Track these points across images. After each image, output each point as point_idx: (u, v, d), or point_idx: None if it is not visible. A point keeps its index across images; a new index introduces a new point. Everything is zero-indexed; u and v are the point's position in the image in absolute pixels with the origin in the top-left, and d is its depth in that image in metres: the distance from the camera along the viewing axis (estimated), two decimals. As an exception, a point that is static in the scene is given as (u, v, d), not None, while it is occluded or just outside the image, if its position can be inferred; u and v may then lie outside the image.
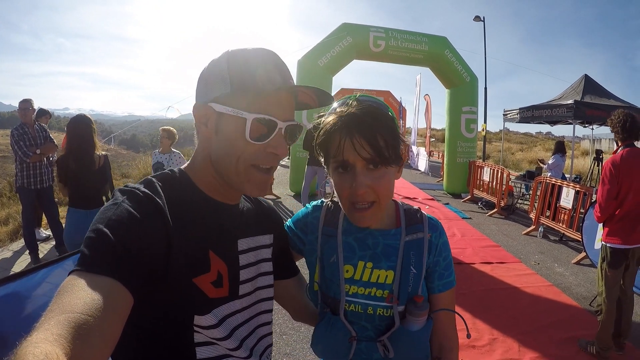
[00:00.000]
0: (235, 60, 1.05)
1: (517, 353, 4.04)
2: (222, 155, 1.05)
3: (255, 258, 1.20)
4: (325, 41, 12.16)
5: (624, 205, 3.85)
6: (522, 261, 6.94)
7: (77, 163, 4.33)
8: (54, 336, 0.62)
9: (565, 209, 8.20)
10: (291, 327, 4.30)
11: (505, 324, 4.61)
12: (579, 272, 6.56)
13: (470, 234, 8.62)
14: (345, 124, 1.14)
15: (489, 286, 5.78)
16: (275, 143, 1.04)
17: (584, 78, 12.41)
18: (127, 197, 0.95)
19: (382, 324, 1.25)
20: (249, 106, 1.01)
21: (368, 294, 1.25)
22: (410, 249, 1.27)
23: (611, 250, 3.89)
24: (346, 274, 1.26)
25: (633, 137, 3.97)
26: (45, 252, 6.61)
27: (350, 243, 1.30)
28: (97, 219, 0.89)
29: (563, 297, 5.49)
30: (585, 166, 17.99)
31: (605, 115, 11.00)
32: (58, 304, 0.71)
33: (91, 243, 0.84)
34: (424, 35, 13.23)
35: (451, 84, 13.88)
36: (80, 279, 0.77)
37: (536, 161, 13.66)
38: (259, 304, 1.21)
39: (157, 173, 1.09)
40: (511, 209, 11.10)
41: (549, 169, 10.22)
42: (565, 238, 8.41)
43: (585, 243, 6.89)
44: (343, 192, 1.19)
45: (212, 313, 1.01)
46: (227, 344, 1.06)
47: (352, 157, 1.13)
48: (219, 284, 1.05)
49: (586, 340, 4.15)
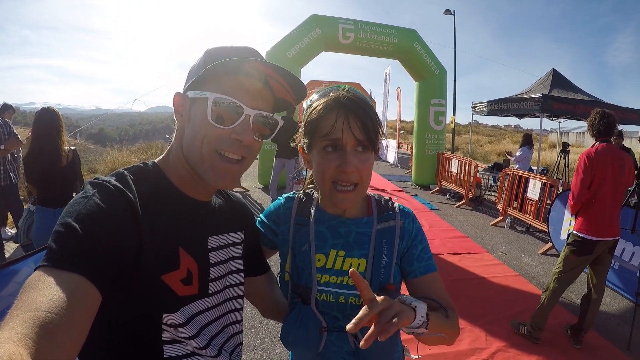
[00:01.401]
0: (215, 51, 1.06)
1: (485, 342, 4.03)
2: (190, 141, 1.04)
3: (225, 256, 1.18)
4: (294, 33, 12.00)
5: (597, 197, 3.92)
6: (489, 252, 6.98)
7: (44, 160, 4.04)
8: (19, 336, 0.61)
9: (532, 201, 8.30)
10: (259, 320, 4.21)
11: (473, 314, 4.61)
12: (546, 262, 6.64)
13: (439, 225, 8.65)
14: (342, 104, 1.16)
15: (456, 276, 5.78)
16: (240, 129, 1.02)
17: (552, 72, 12.56)
18: (98, 191, 0.91)
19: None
20: (215, 88, 1.00)
21: (340, 283, 1.25)
22: (382, 237, 1.27)
23: (580, 239, 3.96)
24: (318, 262, 1.26)
25: (607, 135, 4.06)
26: (12, 251, 6.25)
27: (322, 231, 1.30)
28: (66, 212, 0.86)
29: (530, 286, 5.54)
30: (552, 158, 18.35)
31: (572, 109, 11.17)
32: (23, 301, 0.69)
33: (59, 238, 0.80)
34: (394, 27, 13.22)
35: (420, 76, 13.92)
36: (47, 276, 0.74)
37: (504, 153, 13.82)
38: (229, 302, 1.19)
39: (130, 166, 1.06)
40: (479, 200, 11.22)
41: (516, 161, 10.32)
42: (532, 229, 8.53)
43: (552, 234, 6.99)
44: (326, 172, 1.17)
45: (180, 311, 1.00)
46: (195, 343, 1.04)
47: (345, 136, 1.14)
48: (188, 282, 1.03)
49: (519, 322, 4.28)
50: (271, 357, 3.65)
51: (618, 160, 3.93)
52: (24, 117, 59.04)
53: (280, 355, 3.65)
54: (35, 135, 4.10)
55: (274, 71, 1.04)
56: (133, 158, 15.76)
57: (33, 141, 4.13)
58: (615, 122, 4.08)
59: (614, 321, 4.71)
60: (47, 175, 4.07)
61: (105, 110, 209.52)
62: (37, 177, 4.10)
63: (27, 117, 57.41)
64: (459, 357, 3.78)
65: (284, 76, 1.06)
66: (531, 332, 4.06)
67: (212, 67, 0.97)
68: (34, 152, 4.05)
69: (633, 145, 14.21)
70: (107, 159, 15.09)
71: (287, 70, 1.05)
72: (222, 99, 0.99)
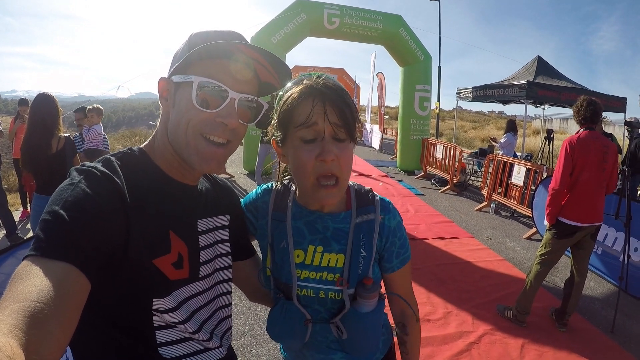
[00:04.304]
0: (199, 35, 1.05)
1: (471, 326, 4.06)
2: (175, 125, 1.02)
3: (213, 239, 1.18)
4: (279, 18, 11.90)
5: (578, 183, 3.95)
6: (474, 236, 7.03)
7: (33, 146, 4.00)
8: (8, 327, 0.61)
9: (516, 186, 8.36)
10: (248, 306, 4.18)
11: (459, 298, 4.65)
12: (530, 246, 6.71)
13: (424, 210, 8.68)
14: (318, 91, 1.12)
15: (442, 261, 5.82)
16: (225, 113, 1.01)
17: (537, 59, 12.64)
18: (84, 177, 0.90)
19: (334, 307, 1.26)
20: (200, 72, 0.99)
21: (319, 279, 1.24)
22: (361, 232, 1.26)
23: (563, 225, 4.00)
24: (297, 258, 1.26)
25: (592, 122, 4.07)
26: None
27: (300, 227, 1.28)
28: (53, 199, 0.85)
29: (515, 271, 5.59)
30: (537, 145, 18.52)
31: (556, 96, 11.26)
32: (12, 292, 0.69)
33: (46, 226, 0.80)
34: (379, 13, 13.23)
35: (405, 62, 13.90)
36: (35, 265, 0.74)
37: (488, 139, 13.90)
38: (219, 286, 1.20)
39: (116, 152, 1.06)
40: (464, 185, 11.28)
41: (501, 147, 10.36)
42: (516, 214, 8.61)
43: (536, 219, 7.05)
44: (307, 165, 1.12)
45: (171, 295, 0.99)
46: (186, 327, 1.04)
47: (321, 123, 1.10)
48: (179, 265, 1.03)
49: (504, 306, 4.34)
50: (260, 343, 3.62)
51: (601, 147, 3.95)
52: (5, 105, 58.03)
53: (270, 341, 3.61)
54: (29, 122, 4.09)
55: (258, 54, 1.03)
56: (117, 145, 15.53)
57: (27, 127, 4.11)
58: (601, 110, 4.10)
59: (598, 305, 4.78)
60: (35, 161, 4.04)
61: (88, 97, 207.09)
62: (29, 163, 4.04)
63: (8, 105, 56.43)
64: (446, 340, 3.79)
65: (268, 59, 1.05)
66: (517, 316, 4.11)
67: (197, 51, 0.97)
68: (25, 139, 4.02)
69: (616, 132, 14.40)
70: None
71: (272, 53, 1.04)
72: (207, 83, 0.98)
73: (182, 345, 1.04)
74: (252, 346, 3.58)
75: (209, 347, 1.11)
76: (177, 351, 1.03)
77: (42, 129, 4.02)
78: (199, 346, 1.08)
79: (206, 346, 1.10)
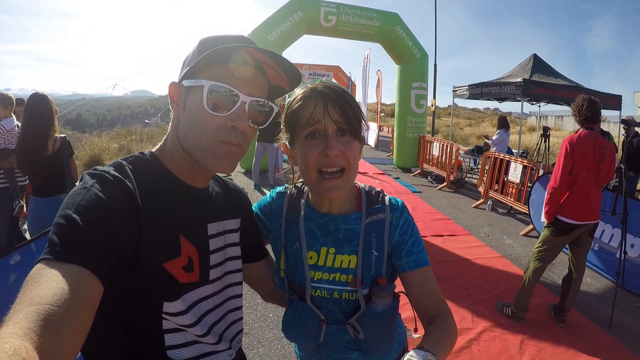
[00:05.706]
0: (209, 40, 1.07)
1: (471, 322, 4.08)
2: (188, 130, 1.04)
3: (223, 242, 1.19)
4: (276, 16, 11.84)
5: (577, 182, 3.97)
6: (472, 233, 7.06)
7: (29, 146, 3.88)
8: (23, 330, 0.61)
9: (513, 183, 8.39)
10: (248, 306, 4.18)
11: (458, 295, 4.67)
12: (527, 243, 6.74)
13: (421, 207, 8.71)
14: (320, 92, 1.15)
15: (440, 258, 5.84)
16: (235, 116, 1.02)
17: (533, 57, 12.68)
18: (97, 181, 0.91)
19: (349, 307, 1.27)
20: (210, 76, 1.01)
21: (333, 280, 1.26)
22: (371, 232, 1.26)
23: (560, 223, 4.03)
24: (310, 260, 1.27)
25: (593, 122, 4.10)
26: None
27: (313, 229, 1.30)
28: (66, 204, 0.86)
29: (512, 267, 5.63)
30: (532, 142, 18.56)
31: (552, 94, 11.29)
32: (26, 295, 0.69)
33: (60, 230, 0.80)
34: (376, 11, 13.19)
35: (402, 60, 13.89)
36: (49, 269, 0.74)
37: (482, 137, 13.94)
38: (229, 289, 1.21)
39: (128, 156, 1.07)
40: (460, 182, 11.33)
41: (494, 144, 10.39)
42: (513, 211, 8.64)
43: (533, 216, 7.11)
44: (310, 159, 1.15)
45: (182, 299, 1.01)
46: (195, 331, 1.05)
47: (325, 121, 1.13)
48: (189, 269, 1.04)
49: (503, 302, 4.37)
50: (261, 343, 3.63)
51: (600, 147, 3.97)
52: (-2, 103, 57.16)
53: (271, 341, 3.63)
54: (23, 124, 3.97)
55: (268, 58, 1.04)
56: (112, 144, 15.43)
57: (22, 128, 4.01)
58: (601, 109, 4.14)
59: (596, 301, 4.82)
60: (31, 163, 3.94)
61: (83, 96, 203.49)
62: (25, 165, 3.99)
63: (2, 104, 55.65)
64: (446, 337, 3.81)
65: (278, 62, 1.06)
66: (515, 313, 4.14)
67: (207, 55, 0.98)
68: (20, 141, 3.93)
69: (611, 129, 14.49)
70: (86, 145, 14.68)
71: (282, 56, 1.05)
72: (218, 87, 1.00)
73: (189, 349, 1.05)
74: (253, 346, 3.58)
75: (217, 350, 1.12)
76: (184, 354, 1.05)
77: (37, 130, 3.90)
78: (206, 349, 1.10)
79: (214, 349, 1.11)
